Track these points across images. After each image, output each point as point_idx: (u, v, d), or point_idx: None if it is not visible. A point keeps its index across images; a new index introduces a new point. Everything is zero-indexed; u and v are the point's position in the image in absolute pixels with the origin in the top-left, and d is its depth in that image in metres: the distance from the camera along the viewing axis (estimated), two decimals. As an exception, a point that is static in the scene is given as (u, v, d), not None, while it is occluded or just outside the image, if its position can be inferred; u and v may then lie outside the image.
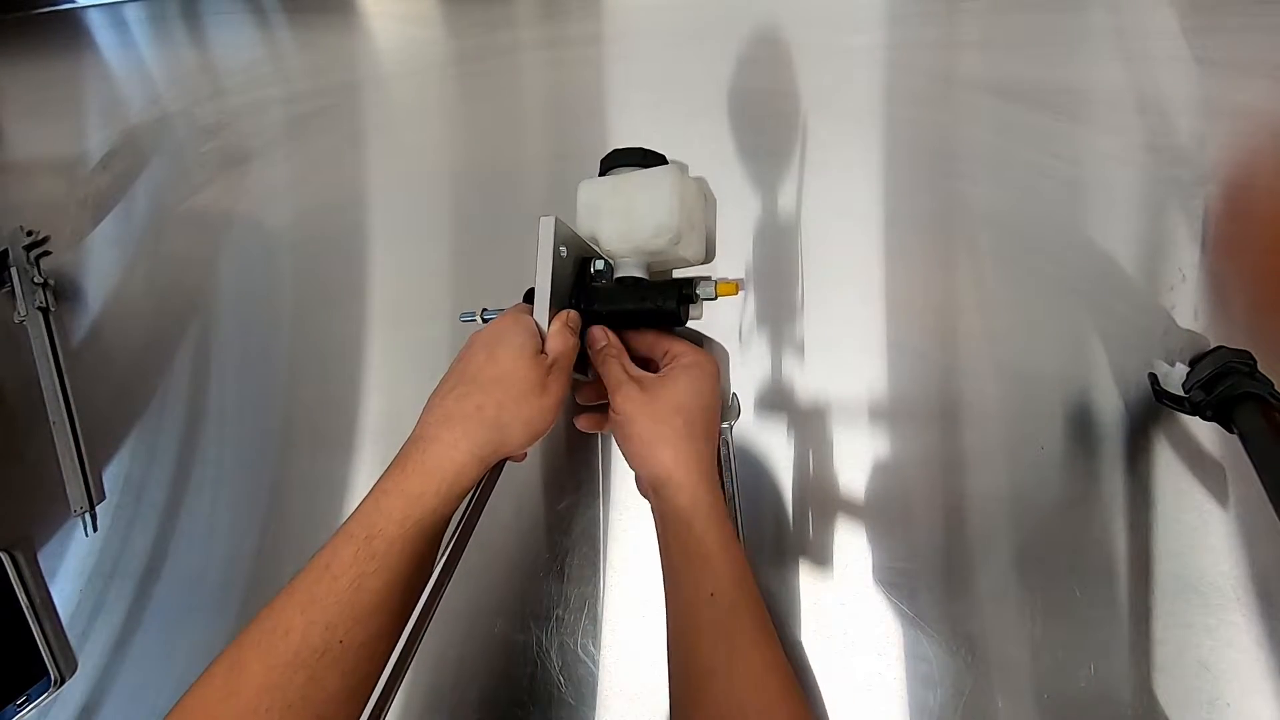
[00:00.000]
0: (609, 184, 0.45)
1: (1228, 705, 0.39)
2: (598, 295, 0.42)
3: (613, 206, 0.44)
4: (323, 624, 0.30)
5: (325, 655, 0.30)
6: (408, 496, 0.33)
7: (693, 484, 0.37)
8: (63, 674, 0.51)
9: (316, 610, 0.30)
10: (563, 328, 0.39)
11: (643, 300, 0.42)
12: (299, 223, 0.56)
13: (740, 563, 0.37)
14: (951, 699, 0.42)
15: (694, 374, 0.40)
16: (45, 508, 0.53)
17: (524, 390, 0.36)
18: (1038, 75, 0.48)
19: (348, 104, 0.57)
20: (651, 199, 0.43)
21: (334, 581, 0.31)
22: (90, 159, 0.60)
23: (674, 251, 0.44)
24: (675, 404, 0.39)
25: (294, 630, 0.30)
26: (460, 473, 0.34)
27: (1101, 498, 0.42)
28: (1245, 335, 0.43)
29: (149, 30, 0.62)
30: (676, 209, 0.42)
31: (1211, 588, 0.41)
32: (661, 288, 0.42)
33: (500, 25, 0.56)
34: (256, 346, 0.54)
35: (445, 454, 0.34)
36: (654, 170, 0.44)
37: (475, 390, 0.35)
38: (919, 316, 0.46)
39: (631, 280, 0.43)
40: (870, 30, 0.50)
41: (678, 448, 0.38)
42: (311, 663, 0.29)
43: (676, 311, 0.41)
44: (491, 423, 0.35)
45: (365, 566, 0.31)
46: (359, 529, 0.32)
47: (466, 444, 0.34)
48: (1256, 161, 0.45)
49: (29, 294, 0.55)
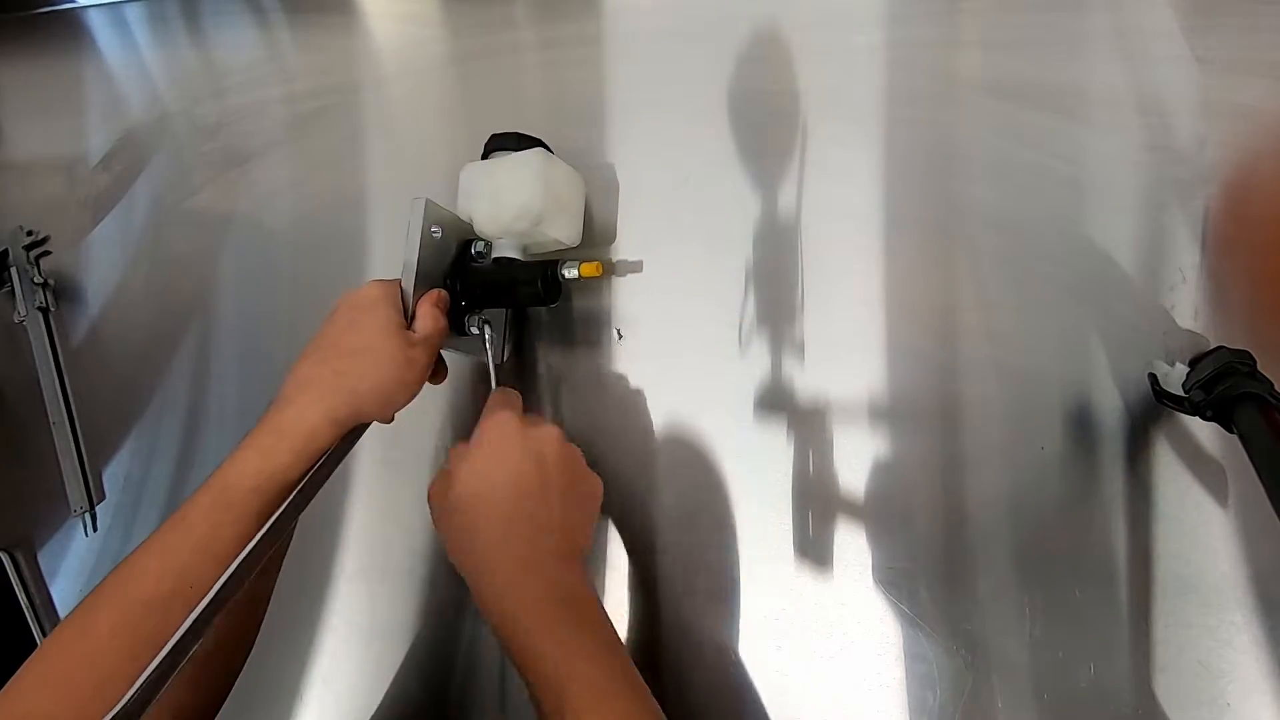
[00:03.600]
0: (483, 167, 0.46)
1: (1228, 705, 0.39)
2: (474, 275, 0.45)
3: (483, 189, 0.45)
4: (176, 570, 0.31)
5: (176, 598, 0.30)
6: (262, 452, 0.34)
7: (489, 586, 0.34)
8: (63, 674, 0.51)
9: (171, 556, 0.31)
10: (431, 308, 0.40)
11: (512, 279, 0.44)
12: (299, 223, 0.56)
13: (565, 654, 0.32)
14: (951, 699, 0.42)
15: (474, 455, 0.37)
16: (45, 508, 0.53)
17: (382, 362, 0.37)
18: (1038, 75, 0.48)
19: (348, 104, 0.57)
20: (516, 181, 0.44)
21: (189, 531, 0.32)
22: (90, 159, 0.60)
23: (542, 233, 0.45)
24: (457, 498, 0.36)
25: (149, 574, 0.31)
26: (313, 434, 0.35)
27: (1101, 498, 0.42)
28: (1245, 335, 0.43)
29: (149, 30, 0.62)
30: (540, 192, 0.44)
31: (1211, 588, 0.41)
32: (529, 267, 0.44)
33: (500, 25, 0.56)
34: (256, 346, 0.54)
35: (299, 415, 0.35)
36: (521, 154, 0.45)
37: (333, 356, 0.37)
38: (919, 316, 0.46)
39: (506, 260, 0.45)
40: (870, 30, 0.50)
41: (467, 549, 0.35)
42: (163, 605, 0.30)
43: (539, 290, 0.43)
44: (348, 390, 0.36)
45: (220, 516, 0.32)
46: (216, 482, 0.33)
47: (321, 407, 0.35)
48: (1256, 162, 0.45)
49: (29, 294, 0.55)
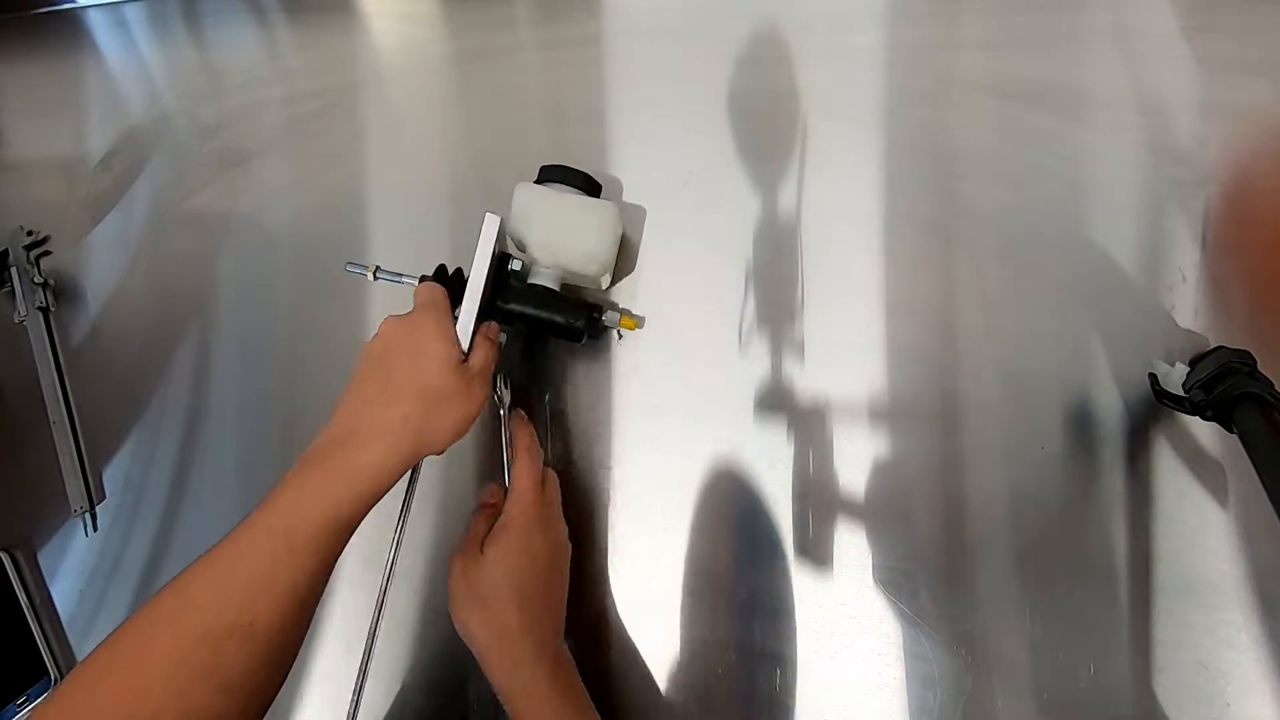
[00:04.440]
0: (549, 196, 0.45)
1: (1228, 705, 0.39)
2: (513, 295, 0.45)
3: (548, 219, 0.45)
4: (235, 607, 0.31)
5: (233, 635, 0.30)
6: (328, 500, 0.33)
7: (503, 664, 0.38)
8: (62, 674, 0.51)
9: (230, 592, 0.31)
10: (484, 340, 0.41)
11: (555, 312, 0.44)
12: (299, 223, 0.56)
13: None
14: (951, 699, 0.42)
15: (505, 548, 0.40)
16: (45, 508, 0.53)
17: (448, 400, 0.37)
18: (1038, 75, 0.48)
19: (348, 104, 0.57)
20: (589, 227, 0.45)
21: (249, 570, 0.31)
22: (90, 159, 0.60)
23: (592, 278, 0.47)
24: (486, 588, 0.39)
25: (204, 608, 0.30)
26: (382, 479, 0.35)
27: (1101, 498, 0.42)
28: (1245, 335, 0.43)
29: (149, 30, 0.62)
30: (609, 245, 0.45)
31: (1211, 588, 0.41)
32: (573, 305, 0.45)
33: (500, 25, 0.56)
34: (256, 347, 0.54)
35: (369, 461, 0.35)
36: (598, 202, 0.46)
37: (400, 400, 0.36)
38: (919, 316, 0.46)
39: (544, 289, 0.45)
40: (870, 30, 0.50)
41: (486, 633, 0.39)
42: (219, 640, 0.30)
43: (583, 331, 0.44)
44: (416, 432, 0.36)
45: (280, 559, 0.32)
46: (277, 522, 0.33)
47: (393, 455, 0.35)
48: (1256, 161, 0.45)
49: (29, 294, 0.55)
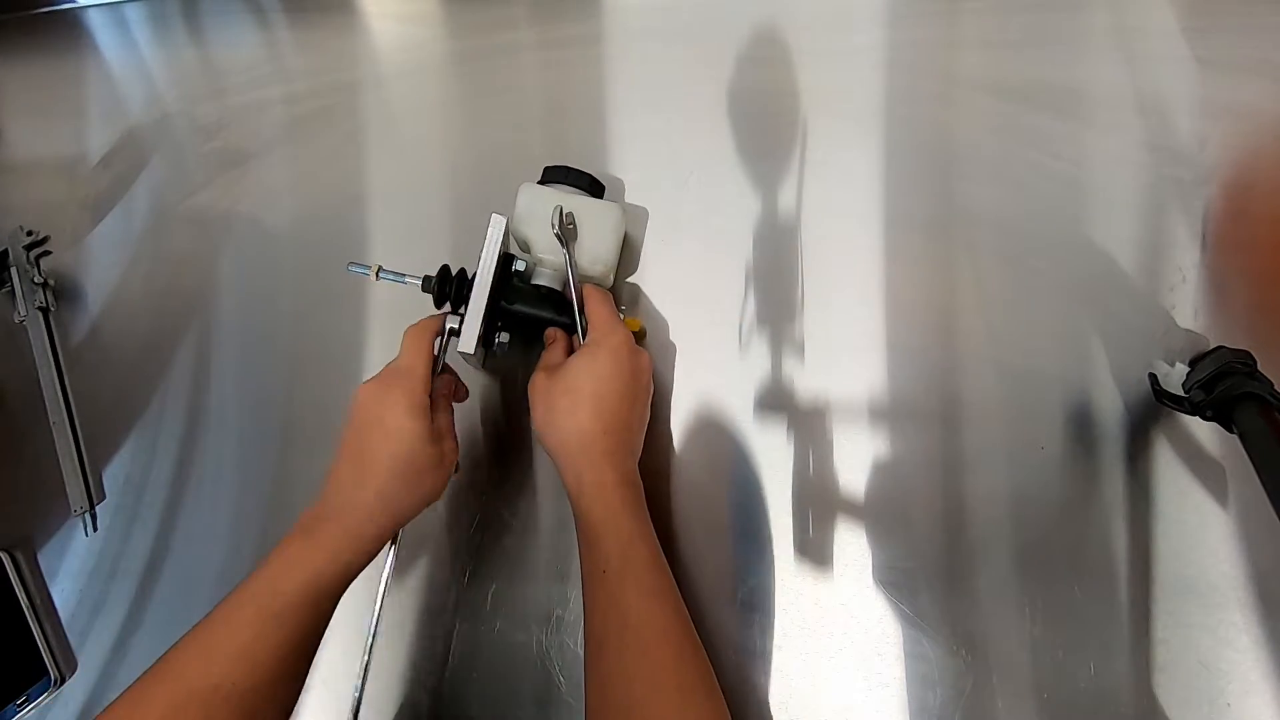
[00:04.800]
0: (554, 197, 0.45)
1: (1228, 705, 0.39)
2: (516, 295, 0.45)
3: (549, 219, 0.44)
4: (220, 670, 0.32)
5: (217, 693, 0.32)
6: (309, 571, 0.35)
7: (574, 463, 0.40)
8: (63, 674, 0.51)
9: (215, 656, 0.33)
10: (444, 401, 0.42)
11: (559, 314, 0.45)
12: (299, 223, 0.56)
13: (627, 533, 0.38)
14: (951, 699, 0.42)
15: (591, 358, 0.41)
16: (45, 508, 0.53)
17: (422, 474, 0.38)
18: (1038, 75, 0.48)
19: (348, 104, 0.57)
20: (595, 230, 0.45)
21: (233, 635, 0.33)
22: (90, 159, 0.60)
23: (596, 279, 0.47)
24: (566, 387, 0.41)
25: (191, 674, 0.32)
26: (362, 550, 0.37)
27: (1101, 498, 0.42)
28: (1245, 335, 0.43)
29: (149, 30, 0.62)
30: (615, 247, 0.46)
31: (1211, 588, 0.41)
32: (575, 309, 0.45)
33: (500, 25, 0.56)
34: (256, 346, 0.54)
35: (348, 534, 0.36)
36: (603, 203, 0.46)
37: (374, 478, 0.37)
38: (919, 316, 0.46)
39: (548, 290, 0.46)
40: (870, 30, 0.50)
41: (562, 428, 0.40)
42: (206, 699, 0.32)
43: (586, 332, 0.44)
44: (393, 511, 0.38)
45: (265, 625, 0.33)
46: (263, 590, 0.34)
47: (370, 528, 0.37)
48: (1256, 161, 0.45)
49: (29, 294, 0.55)
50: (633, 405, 0.42)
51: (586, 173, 0.46)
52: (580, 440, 0.40)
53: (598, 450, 0.40)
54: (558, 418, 0.40)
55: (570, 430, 0.40)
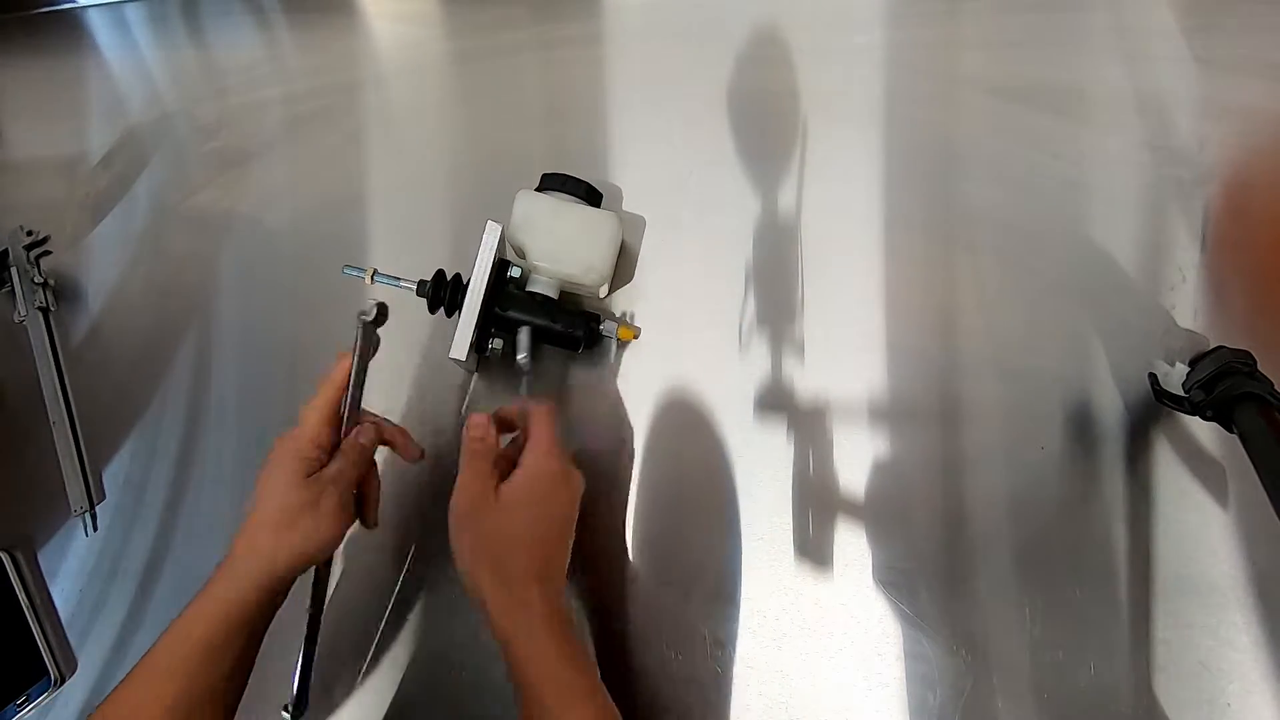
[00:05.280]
0: (551, 205, 0.46)
1: (1228, 705, 0.39)
2: (511, 302, 0.45)
3: (550, 228, 0.45)
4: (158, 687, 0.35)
5: None
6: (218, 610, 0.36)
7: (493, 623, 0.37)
8: (63, 674, 0.51)
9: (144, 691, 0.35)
10: (349, 448, 0.40)
11: (554, 321, 0.45)
12: (299, 222, 0.56)
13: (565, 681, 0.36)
14: (951, 699, 0.42)
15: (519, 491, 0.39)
16: (45, 508, 0.53)
17: (296, 517, 0.37)
18: (1038, 75, 0.48)
19: (348, 104, 0.57)
20: (591, 239, 0.45)
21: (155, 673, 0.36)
22: (90, 159, 0.60)
23: (590, 288, 0.47)
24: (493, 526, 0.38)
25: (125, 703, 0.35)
26: (243, 601, 0.37)
27: (1101, 498, 0.42)
28: (1245, 335, 0.43)
29: (149, 30, 0.62)
30: (610, 256, 0.46)
31: (1211, 588, 0.41)
32: (572, 315, 0.45)
33: (500, 25, 0.56)
34: (256, 347, 0.54)
35: (234, 584, 0.37)
36: (600, 212, 0.47)
37: (256, 522, 0.38)
38: (919, 316, 0.46)
39: (543, 297, 0.46)
40: (870, 30, 0.50)
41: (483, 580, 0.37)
42: None
43: (581, 340, 0.45)
44: (264, 556, 0.37)
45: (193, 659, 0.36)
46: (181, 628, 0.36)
47: (246, 579, 0.37)
48: (1256, 161, 0.45)
49: (29, 294, 0.55)
50: (563, 538, 0.40)
51: (584, 181, 0.46)
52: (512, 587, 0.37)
53: (534, 593, 0.37)
54: (487, 567, 0.38)
55: (501, 579, 0.37)
